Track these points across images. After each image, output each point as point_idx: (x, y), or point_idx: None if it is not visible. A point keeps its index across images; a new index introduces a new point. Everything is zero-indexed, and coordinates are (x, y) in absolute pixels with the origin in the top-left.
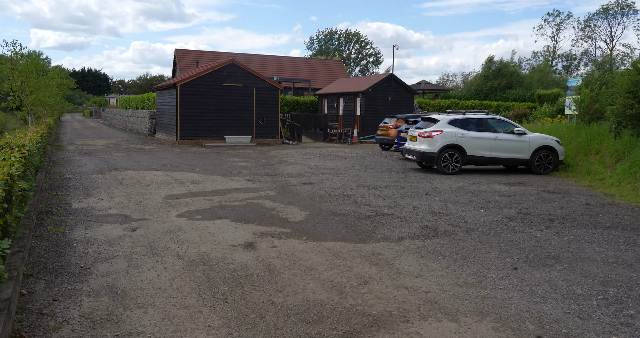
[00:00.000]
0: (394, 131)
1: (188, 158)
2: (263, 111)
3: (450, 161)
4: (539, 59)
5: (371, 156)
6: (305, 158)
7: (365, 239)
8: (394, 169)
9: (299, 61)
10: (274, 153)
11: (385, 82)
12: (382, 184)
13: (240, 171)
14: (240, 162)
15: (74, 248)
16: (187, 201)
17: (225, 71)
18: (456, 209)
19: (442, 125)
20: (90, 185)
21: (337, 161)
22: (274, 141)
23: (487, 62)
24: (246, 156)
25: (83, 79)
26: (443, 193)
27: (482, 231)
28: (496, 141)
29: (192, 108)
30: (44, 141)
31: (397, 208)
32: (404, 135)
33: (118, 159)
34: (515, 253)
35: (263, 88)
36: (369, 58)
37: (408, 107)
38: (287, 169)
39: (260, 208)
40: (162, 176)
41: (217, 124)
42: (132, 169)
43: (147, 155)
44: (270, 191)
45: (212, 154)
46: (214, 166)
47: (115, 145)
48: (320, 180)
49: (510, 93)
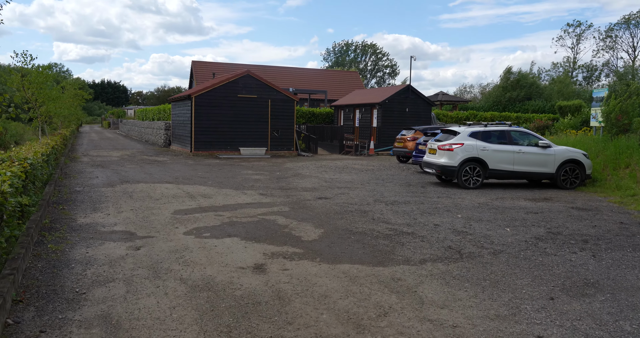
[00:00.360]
0: (412, 143)
1: (201, 171)
2: (278, 123)
3: (471, 175)
4: (558, 70)
5: (388, 169)
6: (320, 171)
7: (383, 261)
8: (412, 183)
9: (315, 73)
10: (289, 166)
11: (402, 93)
12: (400, 199)
13: (254, 184)
14: (254, 175)
15: (72, 270)
16: (196, 217)
17: (240, 82)
18: (480, 228)
19: (463, 137)
20: (99, 199)
21: (353, 174)
22: (289, 153)
23: (505, 73)
24: (260, 169)
25: (102, 90)
26: (465, 209)
27: (511, 253)
28: (520, 155)
29: (207, 120)
30: (55, 153)
31: (417, 226)
32: (422, 147)
33: (130, 171)
34: (549, 279)
35: (278, 99)
36: (385, 70)
37: (426, 119)
38: (301, 183)
39: (272, 225)
40: (173, 190)
41: (231, 135)
42: (144, 181)
43: (160, 167)
44: (283, 206)
45: (225, 167)
46: (226, 178)
47: (130, 157)
48: (336, 195)
49: (530, 104)
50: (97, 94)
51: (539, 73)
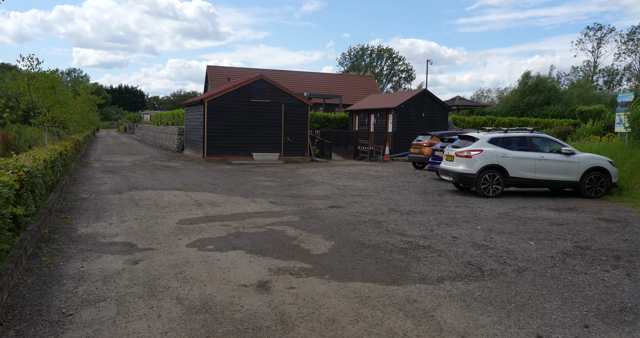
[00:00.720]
0: (428, 149)
1: (212, 177)
2: (292, 128)
3: (490, 183)
4: (578, 74)
5: (404, 176)
6: (333, 178)
7: (398, 279)
8: (428, 191)
9: (330, 77)
10: (302, 172)
11: (418, 98)
12: (416, 208)
13: (264, 191)
14: (266, 181)
15: (63, 287)
16: (201, 227)
17: (253, 86)
18: (502, 241)
19: (482, 144)
20: (104, 207)
21: (368, 181)
22: (303, 159)
23: (524, 77)
24: (272, 175)
25: (120, 95)
26: (485, 220)
27: (537, 271)
28: (542, 162)
29: (220, 124)
30: (64, 159)
31: (434, 239)
32: (439, 154)
33: (140, 177)
34: (581, 302)
35: (292, 104)
36: (401, 74)
37: (442, 124)
38: (313, 190)
39: (280, 237)
40: (181, 197)
41: (244, 140)
42: (152, 188)
43: (170, 173)
44: (293, 215)
45: (237, 173)
46: (237, 185)
47: (142, 162)
48: (349, 203)
49: (549, 109)
50: (115, 99)
51: (558, 77)
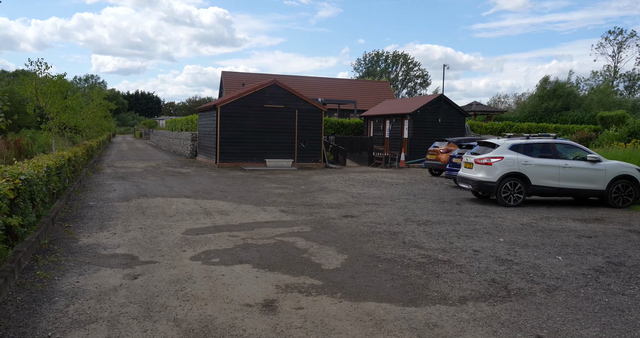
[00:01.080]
0: (445, 156)
1: (223, 183)
2: (305, 134)
3: (511, 192)
4: (598, 79)
5: (420, 183)
6: (347, 185)
7: (416, 299)
8: (446, 200)
9: (345, 83)
10: (315, 178)
11: (434, 103)
12: (433, 218)
13: (276, 199)
14: (278, 189)
15: (53, 305)
16: (208, 238)
17: (266, 91)
18: (527, 256)
19: (503, 151)
20: (109, 215)
21: (383, 188)
22: (317, 165)
23: (542, 82)
24: (285, 182)
25: (136, 101)
26: (507, 231)
27: (568, 290)
28: (566, 169)
29: (232, 130)
30: (73, 165)
31: (454, 252)
32: (456, 161)
33: (150, 184)
34: (623, 330)
35: (306, 109)
36: (416, 80)
37: (459, 129)
38: (326, 198)
39: (290, 249)
40: (189, 205)
41: (257, 146)
42: (161, 195)
43: (181, 180)
44: (305, 225)
45: (249, 179)
46: (248, 193)
47: (154, 168)
48: (363, 212)
49: (568, 115)
50: (131, 105)
51: (577, 82)
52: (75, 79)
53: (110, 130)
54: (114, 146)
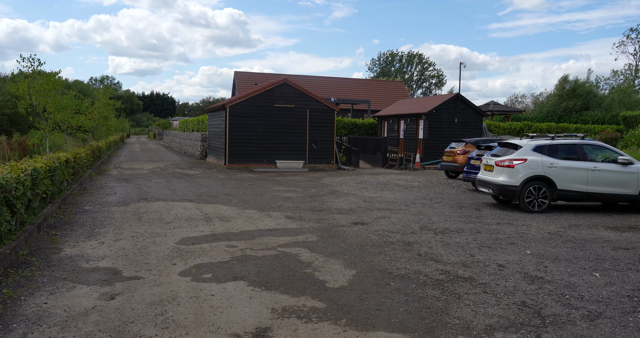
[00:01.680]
0: (462, 157)
1: (230, 186)
2: (317, 134)
3: (536, 197)
4: (619, 78)
5: (436, 186)
6: (360, 188)
7: (434, 328)
8: (464, 204)
9: (358, 83)
10: (326, 181)
11: (450, 103)
12: (451, 226)
13: (283, 204)
14: (286, 192)
15: (8, 334)
16: (203, 249)
17: (277, 91)
18: (559, 272)
19: (526, 152)
20: (102, 222)
21: (397, 192)
22: (329, 167)
23: (561, 81)
24: (294, 185)
25: (151, 102)
26: (534, 241)
27: (614, 318)
28: (595, 173)
29: (242, 131)
30: (72, 167)
31: (476, 267)
32: (475, 163)
33: (154, 186)
34: None
35: (317, 109)
36: (431, 80)
37: (476, 130)
38: (337, 203)
39: (292, 263)
40: (190, 210)
41: (267, 147)
42: (163, 199)
43: (187, 182)
44: (311, 234)
45: (257, 182)
46: (254, 196)
47: (161, 170)
48: (375, 219)
49: (588, 115)
50: (146, 106)
51: (597, 82)
52: (91, 80)
53: (124, 131)
54: (126, 146)
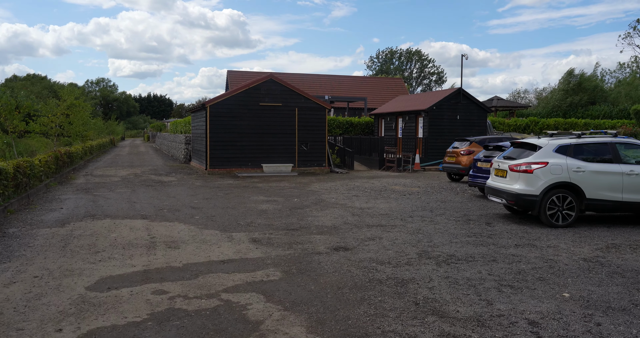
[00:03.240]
0: (467, 158)
1: (201, 196)
2: (307, 135)
3: (559, 208)
4: (625, 71)
5: (437, 192)
6: (350, 195)
7: None
8: (472, 217)
9: (355, 80)
10: (315, 187)
11: (452, 98)
12: (459, 250)
13: (254, 220)
14: (264, 203)
15: None
16: (118, 298)
17: (262, 88)
18: (620, 334)
19: (546, 154)
20: (13, 251)
21: (392, 200)
22: (320, 170)
23: (566, 75)
24: (277, 193)
25: (149, 104)
26: (569, 274)
27: None
28: (631, 178)
29: (224, 132)
30: (16, 178)
31: (498, 329)
32: (482, 165)
33: (114, 198)
34: None
35: (307, 107)
36: (431, 77)
37: (480, 127)
38: (319, 218)
39: (234, 323)
40: (137, 232)
41: (253, 150)
42: (113, 216)
43: (155, 192)
44: (275, 268)
45: (236, 190)
46: (224, 210)
47: (135, 176)
48: (362, 241)
49: (594, 110)
50: (143, 108)
51: (602, 75)
52: (87, 82)
53: (116, 133)
54: (114, 150)
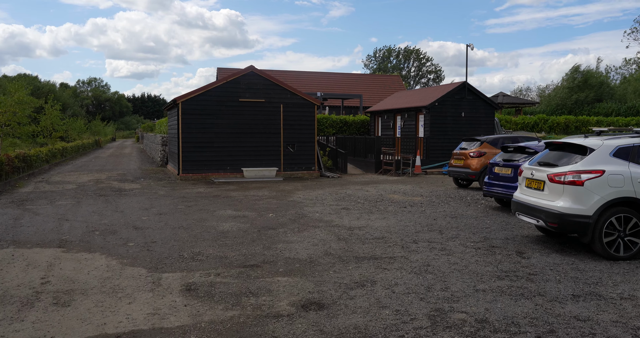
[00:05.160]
0: (477, 161)
1: (156, 210)
2: (294, 134)
3: (621, 233)
4: (631, 67)
5: (444, 202)
6: (339, 208)
7: None
8: (495, 241)
9: (350, 77)
10: (298, 197)
11: (456, 93)
12: (491, 309)
13: (205, 249)
14: (229, 220)
15: None
16: None
17: (242, 82)
18: None
19: (601, 158)
20: None
21: (391, 215)
22: (309, 174)
23: (572, 72)
24: (250, 205)
25: (142, 104)
26: None
27: None
28: None
29: (199, 132)
30: None
31: None
32: (500, 171)
33: (46, 213)
34: None
35: (294, 104)
36: (429, 76)
37: (487, 125)
38: (293, 245)
39: None
40: (31, 271)
41: (232, 152)
42: (19, 242)
43: (103, 204)
44: None
45: (202, 201)
46: (175, 231)
47: (95, 183)
48: (347, 290)
49: (601, 107)
50: (137, 108)
51: (607, 72)
52: (79, 82)
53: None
54: (96, 152)
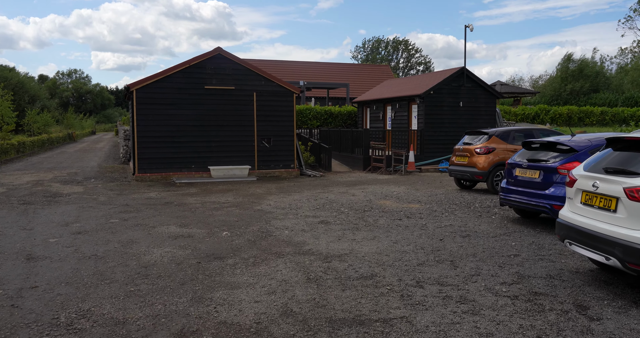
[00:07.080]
0: (485, 159)
1: (79, 225)
2: (270, 127)
3: None
4: (626, 56)
5: (448, 211)
6: (316, 222)
7: None
8: (537, 284)
9: (337, 67)
10: (268, 204)
11: (453, 80)
12: None
13: (101, 304)
14: (166, 242)
15: None
16: None
17: (208, 66)
18: None
19: None
20: None
21: (382, 233)
22: (287, 173)
23: (565, 61)
24: (205, 217)
25: (125, 97)
26: None
27: None
28: None
29: (158, 125)
30: None
31: None
32: (523, 174)
33: None
34: None
35: (269, 92)
36: (418, 67)
37: (488, 116)
38: (238, 294)
39: None
40: None
41: (198, 148)
42: None
43: (16, 217)
44: None
45: (146, 211)
46: (81, 263)
47: (32, 185)
48: None
49: (598, 98)
50: (120, 101)
51: (602, 61)
52: (58, 74)
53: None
54: (66, 147)
